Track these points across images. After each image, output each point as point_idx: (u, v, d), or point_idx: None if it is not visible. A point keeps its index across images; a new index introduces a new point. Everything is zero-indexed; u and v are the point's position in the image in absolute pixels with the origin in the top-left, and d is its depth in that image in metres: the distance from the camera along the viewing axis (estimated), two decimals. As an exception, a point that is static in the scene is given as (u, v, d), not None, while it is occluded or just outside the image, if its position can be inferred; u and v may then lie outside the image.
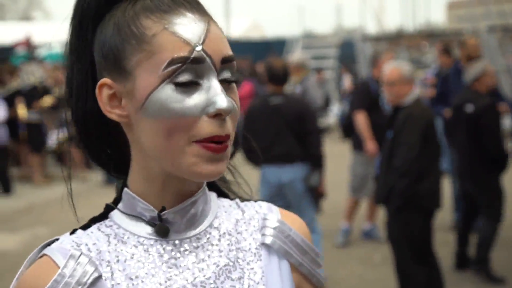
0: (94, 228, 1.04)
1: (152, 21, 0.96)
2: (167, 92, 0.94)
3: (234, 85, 0.99)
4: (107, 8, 1.00)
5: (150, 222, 1.02)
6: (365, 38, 19.67)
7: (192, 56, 0.94)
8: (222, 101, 0.94)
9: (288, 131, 5.10)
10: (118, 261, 1.00)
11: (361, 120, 6.54)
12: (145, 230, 1.02)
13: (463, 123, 5.60)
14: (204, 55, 0.94)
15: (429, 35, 22.94)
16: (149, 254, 1.00)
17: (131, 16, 0.97)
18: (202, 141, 0.95)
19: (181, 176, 0.98)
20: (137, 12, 0.97)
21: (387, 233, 4.76)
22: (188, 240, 1.02)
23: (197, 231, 1.03)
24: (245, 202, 1.12)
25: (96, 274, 0.98)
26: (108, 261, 0.99)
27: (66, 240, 1.01)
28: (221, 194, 1.13)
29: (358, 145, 6.74)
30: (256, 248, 1.06)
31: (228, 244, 1.04)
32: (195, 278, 1.00)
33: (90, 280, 0.97)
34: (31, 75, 10.88)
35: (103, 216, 1.06)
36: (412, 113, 4.61)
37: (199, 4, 1.00)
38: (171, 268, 1.00)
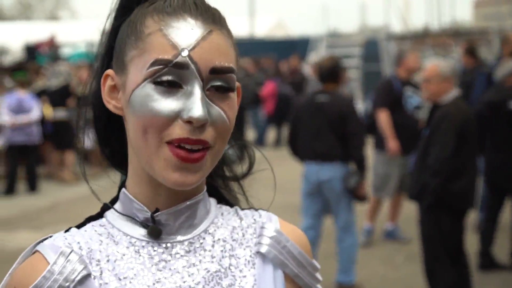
0: (88, 226, 1.05)
1: (153, 21, 0.98)
2: (147, 91, 0.96)
3: (230, 94, 0.98)
4: (136, 5, 1.04)
5: (143, 223, 1.02)
6: (390, 37, 19.56)
7: (175, 60, 0.95)
8: (197, 110, 0.93)
9: (329, 129, 5.18)
10: (108, 260, 1.00)
11: (384, 118, 6.49)
12: (138, 231, 1.02)
13: (505, 119, 5.58)
14: (189, 62, 0.95)
15: (455, 33, 22.74)
16: (140, 256, 1.01)
17: (142, 14, 1.00)
18: (173, 143, 0.95)
19: (156, 179, 0.99)
20: (147, 11, 1.00)
21: (419, 230, 4.72)
22: (180, 243, 1.02)
23: (190, 235, 1.03)
24: (245, 211, 1.11)
25: (84, 272, 0.98)
26: (98, 260, 1.00)
27: (59, 237, 1.02)
28: (222, 200, 1.12)
29: (380, 144, 6.68)
30: (250, 256, 1.05)
31: (222, 251, 1.04)
32: (184, 282, 1.00)
33: (78, 278, 0.98)
34: (59, 74, 10.99)
35: (99, 215, 1.07)
36: (449, 112, 4.55)
37: (208, 11, 1.00)
38: (160, 270, 1.00)
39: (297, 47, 19.54)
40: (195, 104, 0.94)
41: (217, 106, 0.97)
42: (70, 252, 0.99)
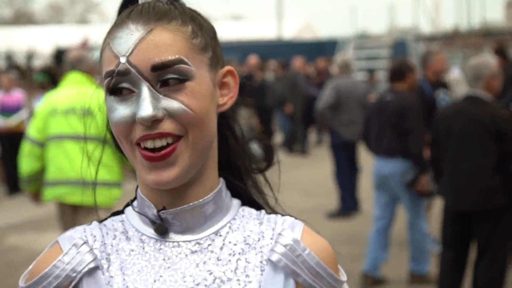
0: (108, 221, 1.10)
1: (107, 36, 1.04)
2: (109, 103, 1.02)
3: (186, 84, 0.99)
4: None
5: (152, 221, 1.05)
6: (419, 38, 19.41)
7: (117, 69, 0.99)
8: (142, 110, 0.97)
9: (391, 126, 5.45)
10: (117, 255, 1.05)
11: None
12: (148, 229, 1.06)
13: None
14: (129, 67, 0.99)
15: (485, 34, 22.48)
16: (146, 252, 1.04)
17: (110, 28, 1.06)
18: (139, 143, 1.00)
19: None
20: (112, 24, 1.05)
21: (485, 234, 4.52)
22: (187, 243, 1.04)
23: (199, 236, 1.05)
24: (271, 215, 1.10)
25: (92, 265, 1.03)
26: (109, 254, 1.05)
27: (79, 230, 1.08)
28: (251, 202, 1.12)
29: None
30: (261, 262, 1.04)
31: (230, 254, 1.04)
32: (184, 281, 1.02)
33: (85, 270, 1.03)
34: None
35: (121, 211, 1.12)
36: None
37: (152, 13, 1.02)
38: (164, 268, 1.03)
39: (325, 49, 19.48)
40: (140, 105, 0.98)
41: (173, 99, 0.99)
42: (82, 244, 1.04)
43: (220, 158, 1.09)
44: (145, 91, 0.98)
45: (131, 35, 1.00)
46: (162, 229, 1.04)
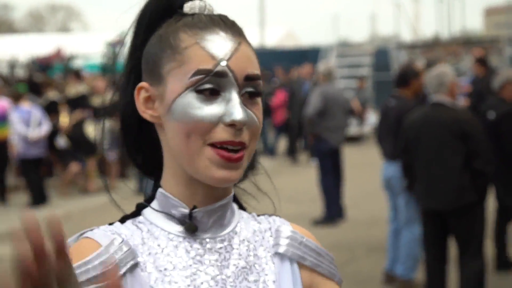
0: (128, 222, 1.12)
1: (187, 35, 1.07)
2: (189, 99, 1.05)
3: (258, 99, 1.08)
4: (160, 22, 1.13)
5: (179, 220, 1.10)
6: (400, 46, 19.57)
7: (215, 70, 1.04)
8: (238, 113, 1.03)
9: (391, 131, 5.71)
10: (149, 253, 1.08)
11: None
12: (175, 227, 1.10)
13: (486, 129, 5.64)
14: (228, 70, 1.04)
15: (466, 42, 22.70)
16: (177, 250, 1.09)
17: (172, 29, 1.09)
18: (216, 144, 1.04)
19: (198, 178, 1.07)
20: (178, 27, 1.09)
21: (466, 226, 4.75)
22: (213, 240, 1.10)
23: (222, 233, 1.11)
24: (261, 216, 1.20)
25: (133, 262, 1.06)
26: (141, 253, 1.08)
27: (106, 229, 1.10)
28: (241, 207, 1.20)
29: None
30: (270, 257, 1.14)
31: (247, 250, 1.12)
32: (217, 275, 1.08)
33: (128, 265, 1.05)
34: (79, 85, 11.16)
35: (136, 214, 1.14)
36: None
37: (234, 26, 1.10)
38: (196, 264, 1.08)
39: (308, 56, 19.56)
40: (235, 108, 1.03)
41: (249, 110, 1.06)
42: (122, 241, 1.06)
43: None
44: (236, 96, 1.04)
45: (225, 42, 1.06)
46: (192, 228, 1.09)
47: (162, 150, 1.12)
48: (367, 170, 11.15)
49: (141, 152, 1.16)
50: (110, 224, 1.12)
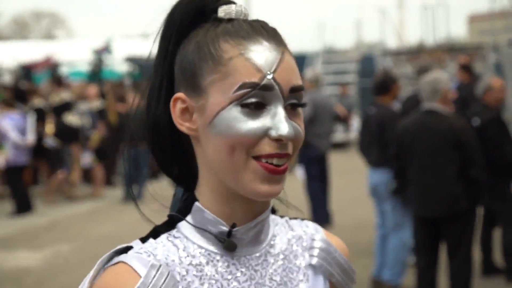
0: (163, 238, 1.07)
1: (230, 45, 1.03)
2: (234, 113, 1.01)
3: (299, 109, 1.06)
4: (192, 26, 1.08)
5: (217, 237, 1.06)
6: (385, 52, 19.67)
7: (262, 83, 1.00)
8: (284, 127, 1.00)
9: (374, 139, 5.76)
10: (187, 273, 1.04)
11: None
12: (212, 244, 1.06)
13: None
14: (274, 84, 1.01)
15: (450, 49, 22.86)
16: (215, 268, 1.05)
17: (211, 38, 1.04)
18: (262, 158, 1.01)
19: (241, 192, 1.03)
20: (218, 35, 1.04)
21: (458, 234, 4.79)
22: (250, 257, 1.08)
23: (259, 248, 1.09)
24: (293, 221, 1.18)
25: (175, 287, 1.02)
26: (179, 273, 1.04)
27: (142, 249, 1.04)
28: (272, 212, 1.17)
29: None
30: (304, 268, 1.12)
31: (282, 264, 1.10)
32: None
33: None
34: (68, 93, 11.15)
35: (170, 225, 1.09)
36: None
37: (276, 34, 1.06)
38: (234, 282, 1.06)
39: (294, 63, 19.57)
40: (281, 123, 1.01)
41: (293, 122, 1.04)
42: (160, 266, 1.01)
43: None
44: (282, 110, 1.01)
45: (270, 52, 1.02)
46: (232, 246, 1.06)
47: (196, 162, 1.08)
48: (353, 176, 11.18)
49: (175, 163, 1.11)
50: (143, 239, 1.07)
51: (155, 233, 1.07)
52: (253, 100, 1.00)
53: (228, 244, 1.05)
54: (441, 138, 4.61)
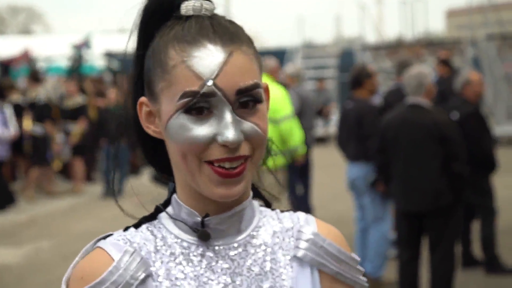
0: (144, 227, 1.11)
1: (175, 52, 1.03)
2: (182, 120, 1.02)
3: (259, 106, 1.04)
4: (163, 22, 1.08)
5: (192, 228, 1.08)
6: (365, 47, 19.76)
7: (202, 91, 1.00)
8: (229, 133, 1.00)
9: (352, 133, 5.76)
10: (162, 262, 1.07)
11: None
12: (189, 235, 1.09)
13: None
14: (215, 90, 1.00)
15: (429, 43, 23.01)
16: (190, 258, 1.07)
17: (163, 43, 1.05)
18: (213, 162, 1.02)
19: (201, 193, 1.05)
20: (168, 40, 1.05)
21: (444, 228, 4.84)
22: (227, 247, 1.08)
23: (237, 239, 1.09)
24: (285, 213, 1.16)
25: (145, 273, 1.05)
26: (153, 262, 1.07)
27: (119, 237, 1.08)
28: (265, 203, 1.17)
29: None
30: (289, 260, 1.11)
31: (263, 255, 1.10)
32: (229, 283, 1.07)
33: (141, 277, 1.04)
34: (53, 89, 11.05)
35: (153, 216, 1.12)
36: None
37: (226, 32, 1.04)
38: (208, 272, 1.07)
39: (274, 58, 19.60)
40: (226, 129, 1.00)
41: (248, 121, 1.03)
42: (134, 252, 1.05)
43: None
44: (229, 114, 1.01)
45: (213, 56, 1.01)
46: (205, 236, 1.07)
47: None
48: (333, 171, 11.22)
49: (157, 162, 1.14)
50: (126, 228, 1.10)
51: (138, 223, 1.11)
52: (197, 106, 1.00)
53: (201, 233, 1.07)
54: (425, 132, 4.63)
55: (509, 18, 22.17)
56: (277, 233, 1.12)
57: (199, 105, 1.01)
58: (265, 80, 6.35)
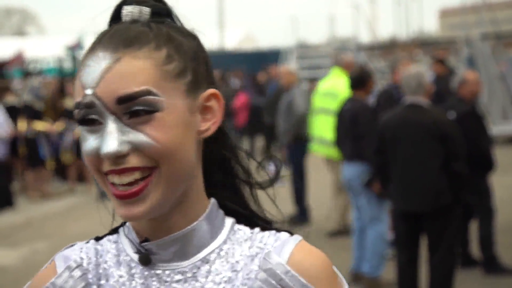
0: (105, 240, 1.08)
1: (82, 61, 1.00)
2: (82, 132, 0.99)
3: (155, 115, 0.95)
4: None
5: (137, 249, 1.03)
6: (359, 47, 19.75)
7: (83, 101, 0.96)
8: (105, 145, 0.95)
9: (348, 133, 5.79)
10: (107, 280, 1.03)
11: None
12: (135, 255, 1.04)
13: None
14: (94, 100, 0.95)
15: (422, 43, 23.05)
16: (133, 279, 1.02)
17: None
18: (107, 177, 0.97)
19: None
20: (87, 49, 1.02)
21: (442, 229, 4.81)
22: (172, 271, 1.01)
23: (185, 263, 1.02)
24: (264, 233, 1.05)
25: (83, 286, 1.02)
26: (99, 279, 1.03)
27: (76, 248, 1.06)
28: (246, 218, 1.08)
29: None
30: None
31: (215, 283, 1.01)
32: None
33: None
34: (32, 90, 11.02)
35: (115, 230, 1.09)
36: None
37: (122, 38, 0.98)
38: None
39: (268, 58, 19.61)
40: (105, 140, 0.95)
41: (139, 132, 0.95)
42: (75, 267, 1.03)
43: (216, 177, 1.08)
44: (111, 124, 0.95)
45: (98, 64, 0.96)
46: (145, 260, 1.01)
47: None
48: (322, 172, 11.19)
49: None
50: (97, 238, 1.08)
51: (104, 235, 1.08)
52: (87, 117, 0.97)
53: (141, 257, 1.01)
54: (425, 132, 4.61)
55: (504, 17, 22.24)
56: (242, 257, 1.02)
57: (90, 116, 0.96)
58: (338, 74, 6.63)
